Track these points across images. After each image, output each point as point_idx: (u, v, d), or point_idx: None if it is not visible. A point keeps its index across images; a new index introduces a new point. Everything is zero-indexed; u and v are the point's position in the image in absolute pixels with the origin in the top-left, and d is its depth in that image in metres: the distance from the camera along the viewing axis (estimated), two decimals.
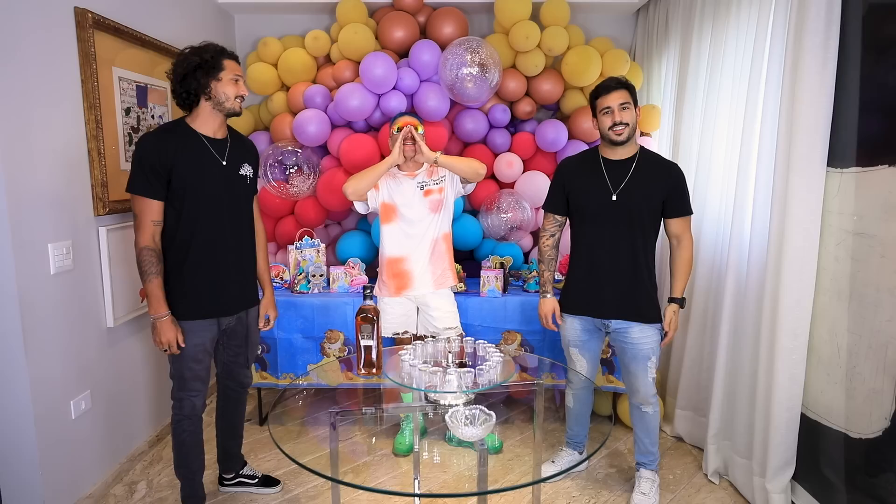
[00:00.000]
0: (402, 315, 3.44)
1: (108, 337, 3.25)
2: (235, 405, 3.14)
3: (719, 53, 3.44)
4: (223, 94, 2.63)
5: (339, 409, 2.48)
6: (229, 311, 2.83)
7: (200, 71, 2.59)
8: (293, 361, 3.85)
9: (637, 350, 2.94)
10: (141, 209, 2.57)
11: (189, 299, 2.69)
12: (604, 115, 2.83)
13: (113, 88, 3.25)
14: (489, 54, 3.94)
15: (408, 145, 3.33)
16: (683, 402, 3.74)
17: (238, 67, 2.68)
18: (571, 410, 3.25)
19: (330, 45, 4.45)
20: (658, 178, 2.85)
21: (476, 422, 2.17)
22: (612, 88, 2.81)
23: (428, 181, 3.37)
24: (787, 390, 2.79)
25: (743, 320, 3.13)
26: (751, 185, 3.05)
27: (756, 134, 3.00)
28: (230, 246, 2.77)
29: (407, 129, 3.30)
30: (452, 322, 3.43)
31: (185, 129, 2.66)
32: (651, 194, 2.84)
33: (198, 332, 2.72)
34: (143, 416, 3.61)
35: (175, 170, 2.57)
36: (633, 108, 2.82)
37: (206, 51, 2.61)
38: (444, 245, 3.42)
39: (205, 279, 2.70)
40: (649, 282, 2.92)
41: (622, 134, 2.80)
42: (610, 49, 4.41)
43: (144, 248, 2.57)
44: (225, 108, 2.66)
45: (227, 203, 2.74)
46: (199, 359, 2.75)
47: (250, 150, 2.93)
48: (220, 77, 2.61)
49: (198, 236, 2.66)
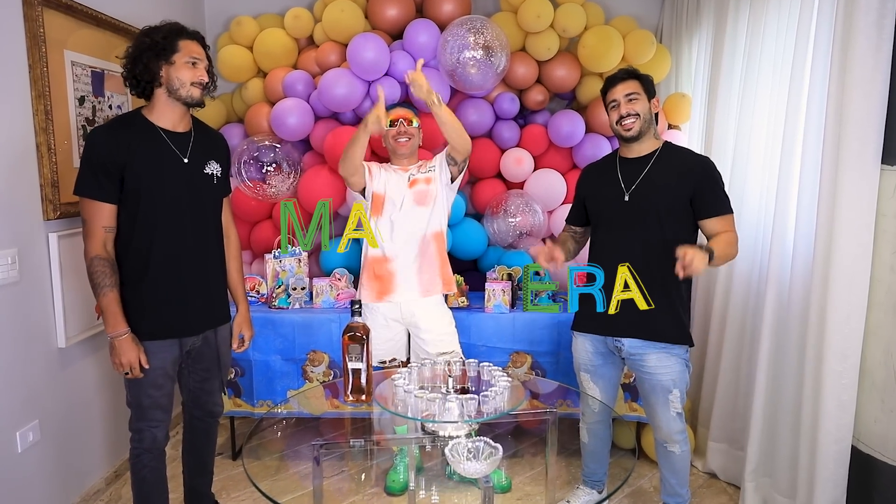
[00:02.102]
0: (388, 340, 3.42)
1: (60, 359, 3.25)
2: (204, 437, 3.13)
3: (758, 34, 3.45)
4: (177, 80, 2.60)
5: (323, 442, 2.48)
6: (193, 331, 2.82)
7: (149, 53, 2.58)
8: (271, 387, 3.85)
9: (655, 381, 2.91)
10: (90, 214, 2.57)
11: (146, 316, 2.68)
12: (611, 110, 2.88)
13: (65, 74, 3.26)
14: (495, 35, 3.95)
15: (401, 142, 3.35)
16: (717, 433, 3.73)
17: (198, 49, 2.66)
18: (586, 447, 3.24)
19: (313, 25, 4.47)
20: (681, 173, 2.83)
21: (480, 456, 2.17)
22: (618, 80, 2.85)
23: (416, 173, 3.38)
24: (835, 420, 2.79)
25: (785, 340, 3.13)
26: (794, 186, 3.06)
27: (800, 127, 3.00)
28: (194, 256, 2.77)
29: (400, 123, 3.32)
30: (448, 346, 3.39)
31: (141, 121, 2.66)
32: (671, 192, 2.82)
33: (156, 354, 2.70)
34: (99, 450, 3.61)
35: (129, 168, 2.56)
36: (644, 99, 2.84)
37: (158, 31, 2.60)
38: (435, 245, 3.38)
39: (164, 294, 2.70)
40: (675, 295, 2.88)
41: (631, 128, 2.83)
42: (633, 30, 4.42)
43: (95, 258, 2.57)
44: (180, 97, 2.63)
45: (190, 206, 2.73)
46: (159, 384, 2.74)
47: (218, 145, 2.93)
48: (172, 60, 2.59)
49: (156, 245, 2.66)
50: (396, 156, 3.42)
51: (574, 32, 4.27)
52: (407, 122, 3.37)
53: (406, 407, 2.38)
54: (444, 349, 3.36)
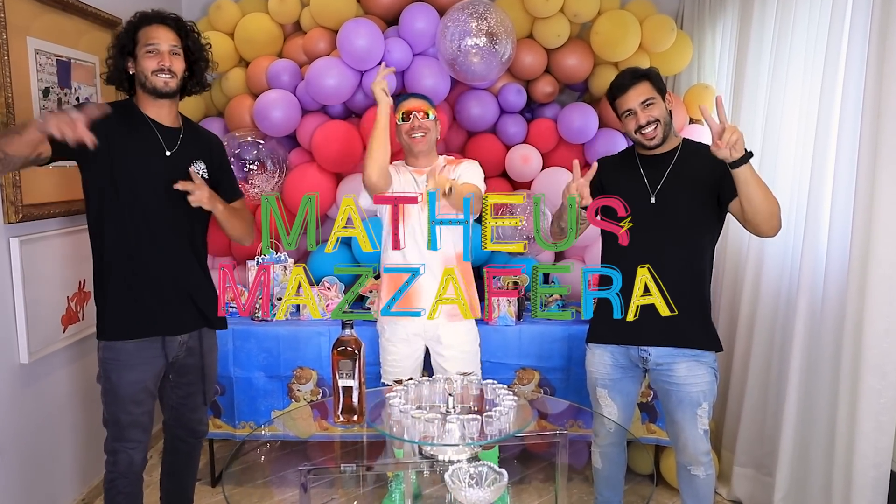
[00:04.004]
0: (408, 357, 3.40)
1: (22, 375, 3.25)
2: (186, 460, 3.16)
3: (788, 20, 3.46)
4: (142, 74, 2.72)
5: (311, 467, 2.48)
6: (176, 329, 2.87)
7: (115, 52, 2.72)
8: (254, 406, 3.86)
9: (684, 394, 2.92)
10: None
11: (127, 313, 2.74)
12: (627, 119, 2.90)
13: (28, 64, 3.27)
14: (500, 21, 3.96)
15: (416, 137, 3.29)
16: (743, 457, 3.74)
17: (158, 34, 2.71)
18: (599, 472, 3.24)
19: (300, 10, 4.48)
20: (703, 166, 2.85)
21: (483, 482, 2.18)
22: (628, 86, 2.85)
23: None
24: (873, 442, 2.79)
25: (818, 355, 3.14)
26: (828, 186, 3.07)
27: (834, 121, 3.02)
28: (172, 253, 2.83)
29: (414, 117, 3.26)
30: (469, 366, 3.35)
31: (132, 107, 2.78)
32: (699, 191, 2.86)
33: (138, 366, 2.75)
34: (67, 475, 3.61)
35: (112, 147, 2.64)
36: (660, 100, 2.86)
37: (124, 27, 2.74)
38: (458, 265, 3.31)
39: (142, 290, 2.77)
40: (703, 299, 2.94)
41: (654, 137, 2.85)
42: (651, 14, 4.43)
43: None
44: (147, 89, 2.73)
45: (170, 201, 2.76)
46: (139, 400, 2.78)
47: (209, 144, 3.01)
48: (136, 54, 2.72)
49: (132, 238, 2.72)
50: (412, 154, 3.37)
51: (586, 17, 4.28)
52: (422, 114, 3.29)
53: (402, 428, 2.38)
54: (465, 369, 3.24)
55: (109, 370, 2.75)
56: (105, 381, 2.77)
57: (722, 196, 2.83)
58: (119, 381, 2.73)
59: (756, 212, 2.64)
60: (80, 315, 3.57)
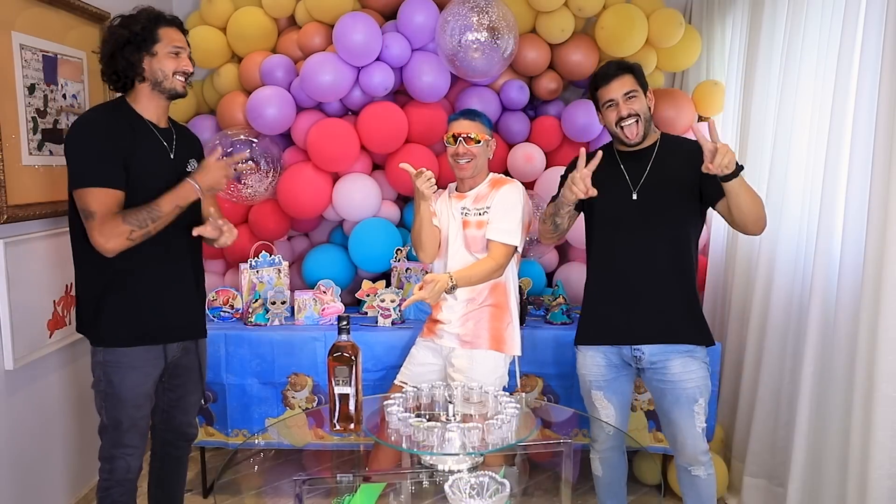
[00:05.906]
0: (423, 364, 3.39)
1: (8, 383, 3.25)
2: (176, 467, 3.18)
3: (800, 15, 3.46)
4: (160, 72, 2.73)
5: (306, 477, 2.49)
6: (177, 336, 2.91)
7: (130, 47, 2.68)
8: (247, 414, 3.86)
9: (679, 390, 2.96)
10: (102, 204, 2.60)
11: (129, 321, 2.75)
12: (607, 110, 2.95)
13: (12, 59, 3.27)
14: (501, 15, 3.97)
15: (461, 164, 3.24)
16: (754, 467, 3.74)
17: (179, 37, 2.78)
18: (601, 480, 3.26)
19: (295, 4, 4.47)
20: (684, 161, 2.92)
21: (485, 493, 2.18)
22: (612, 76, 2.92)
23: (470, 209, 3.30)
24: (888, 451, 2.79)
25: (831, 362, 3.14)
26: (842, 187, 3.07)
27: (848, 119, 3.02)
28: (177, 258, 2.87)
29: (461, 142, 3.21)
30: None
31: (130, 110, 2.77)
32: (681, 186, 2.93)
33: (140, 368, 2.78)
34: (57, 485, 3.62)
35: (130, 158, 2.66)
36: (642, 95, 2.93)
37: (135, 21, 2.70)
38: (491, 300, 3.27)
39: (149, 296, 2.79)
40: (691, 294, 3.00)
41: (636, 134, 2.91)
42: (658, 8, 4.43)
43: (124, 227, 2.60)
44: (164, 89, 2.75)
45: None
46: (140, 404, 2.81)
47: (196, 143, 3.06)
48: (154, 51, 2.71)
49: (144, 245, 2.71)
50: (458, 177, 3.37)
51: (591, 11, 4.29)
52: (468, 140, 3.20)
53: (401, 437, 2.38)
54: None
55: (111, 373, 2.76)
56: (106, 385, 2.77)
57: (706, 195, 2.92)
58: (122, 384, 2.75)
59: (745, 217, 2.76)
60: (66, 320, 3.57)
